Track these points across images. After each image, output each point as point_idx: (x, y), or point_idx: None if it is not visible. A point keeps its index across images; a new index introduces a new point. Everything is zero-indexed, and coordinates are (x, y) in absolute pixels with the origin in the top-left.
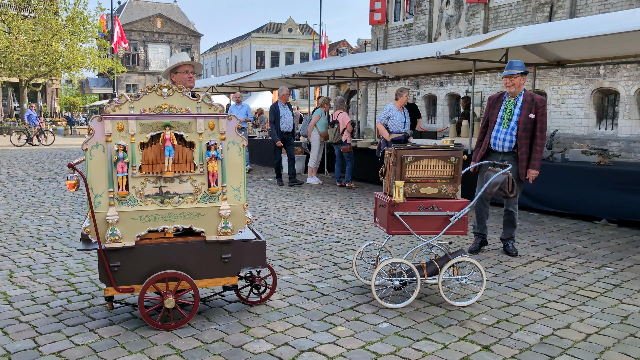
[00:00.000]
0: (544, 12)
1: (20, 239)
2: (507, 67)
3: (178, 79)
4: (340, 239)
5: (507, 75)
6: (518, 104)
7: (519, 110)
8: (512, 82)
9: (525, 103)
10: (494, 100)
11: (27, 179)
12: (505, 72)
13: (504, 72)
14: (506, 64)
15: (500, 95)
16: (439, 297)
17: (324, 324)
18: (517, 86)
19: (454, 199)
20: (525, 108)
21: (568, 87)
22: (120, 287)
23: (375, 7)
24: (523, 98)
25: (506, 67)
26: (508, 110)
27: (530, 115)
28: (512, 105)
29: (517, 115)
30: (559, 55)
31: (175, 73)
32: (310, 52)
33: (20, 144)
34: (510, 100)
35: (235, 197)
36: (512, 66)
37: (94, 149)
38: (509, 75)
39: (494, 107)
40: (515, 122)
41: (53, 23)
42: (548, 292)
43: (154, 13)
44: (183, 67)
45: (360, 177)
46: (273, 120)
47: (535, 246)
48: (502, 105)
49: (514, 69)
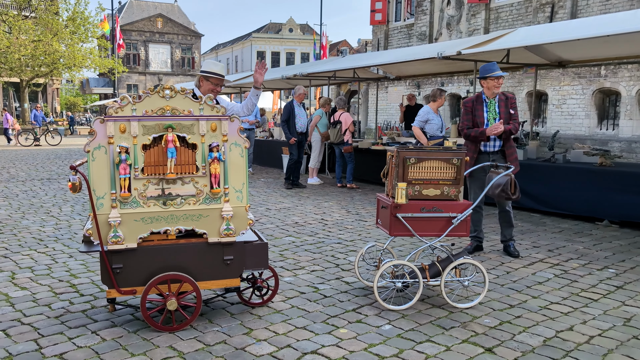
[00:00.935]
0: (545, 13)
1: (21, 240)
2: (492, 70)
3: (206, 86)
4: (341, 240)
5: (497, 76)
6: (496, 103)
7: (499, 109)
8: (499, 83)
9: (501, 101)
10: (474, 102)
11: (28, 179)
12: (496, 73)
13: (496, 74)
14: (508, 64)
15: (478, 97)
16: (441, 298)
17: (327, 325)
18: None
19: (456, 200)
20: (503, 106)
21: (569, 87)
22: (122, 289)
23: (376, 8)
24: (499, 97)
25: (490, 69)
26: (492, 111)
27: (510, 112)
28: (494, 105)
29: (499, 114)
30: (560, 56)
31: (206, 79)
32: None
33: (27, 144)
34: (491, 101)
35: (238, 199)
36: (497, 69)
37: (96, 150)
38: (499, 76)
39: (476, 110)
40: (499, 120)
41: (54, 23)
42: (550, 294)
43: (154, 13)
44: (216, 79)
45: (361, 178)
46: (286, 119)
47: (537, 247)
48: (483, 106)
49: (499, 71)
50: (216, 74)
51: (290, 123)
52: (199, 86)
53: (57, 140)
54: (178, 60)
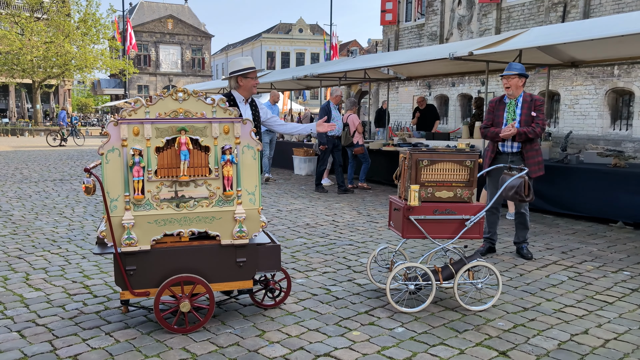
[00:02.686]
0: (557, 12)
1: (35, 241)
2: (507, 69)
3: (246, 83)
4: (353, 241)
5: (504, 75)
6: (519, 104)
7: (520, 111)
8: (508, 83)
9: (525, 103)
10: (496, 103)
11: (40, 180)
12: (505, 73)
13: (503, 74)
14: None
15: (501, 98)
16: (454, 301)
17: (339, 328)
18: (515, 87)
19: (469, 202)
20: (526, 107)
21: (582, 87)
22: (136, 291)
23: (387, 8)
24: (523, 99)
25: (506, 68)
26: (511, 112)
27: (532, 114)
28: (513, 106)
29: (519, 115)
30: (574, 56)
31: (245, 77)
32: (321, 52)
33: (55, 144)
34: (511, 102)
35: (250, 201)
36: (510, 68)
37: (110, 153)
38: (506, 75)
39: (498, 110)
40: (519, 122)
41: (65, 25)
42: (564, 297)
43: (165, 14)
44: (254, 73)
45: (372, 179)
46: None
47: (550, 249)
48: (504, 107)
49: (512, 70)
50: (251, 68)
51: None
52: (238, 87)
53: (82, 141)
54: (188, 61)
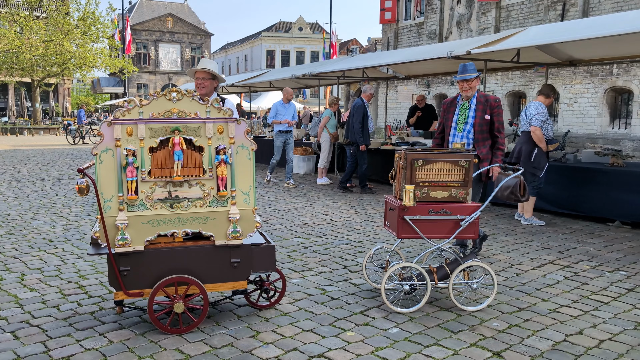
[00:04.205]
0: (556, 11)
1: (31, 241)
2: (461, 72)
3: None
4: (350, 241)
5: (463, 80)
6: (472, 106)
7: (474, 112)
8: (469, 86)
9: (479, 104)
10: (448, 104)
11: (38, 179)
12: (460, 76)
13: (459, 77)
14: (518, 63)
15: (454, 99)
16: (449, 301)
17: (334, 328)
18: (473, 89)
19: (464, 202)
20: (480, 109)
21: (581, 86)
22: (129, 292)
23: (386, 6)
24: (477, 99)
25: (459, 70)
26: (463, 114)
27: (485, 117)
28: (466, 108)
29: (472, 118)
30: (572, 55)
31: (195, 78)
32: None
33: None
34: (464, 103)
35: (245, 202)
36: (466, 70)
37: (103, 153)
38: (465, 79)
39: (448, 112)
40: (471, 124)
41: (65, 23)
42: (560, 297)
43: (164, 13)
44: (198, 74)
45: (371, 178)
46: (361, 119)
47: (547, 249)
48: (456, 109)
49: (469, 73)
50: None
51: (365, 125)
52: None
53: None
54: (188, 59)
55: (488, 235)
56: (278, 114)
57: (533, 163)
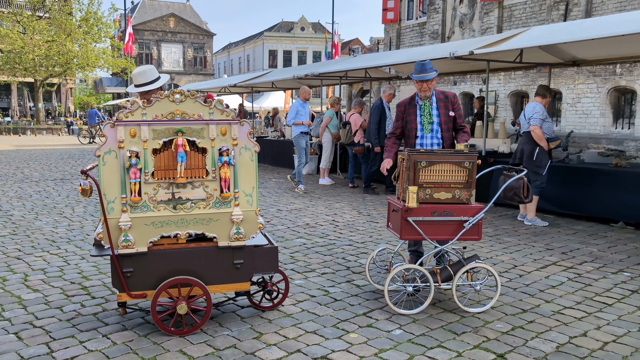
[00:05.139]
0: (559, 11)
1: (34, 242)
2: (420, 71)
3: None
4: (352, 242)
5: (423, 80)
6: (433, 104)
7: (437, 111)
8: (428, 87)
9: (440, 102)
10: (406, 106)
11: (41, 179)
12: (420, 76)
13: (418, 77)
14: (521, 64)
15: (412, 99)
16: (452, 303)
17: (337, 330)
18: (432, 89)
19: (468, 204)
20: (442, 107)
21: (584, 86)
22: (133, 293)
23: (388, 6)
24: (436, 97)
25: (418, 69)
26: (426, 114)
27: (450, 114)
28: (428, 108)
29: (436, 117)
30: (575, 55)
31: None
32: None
33: (85, 142)
34: (425, 103)
35: (248, 203)
36: (425, 69)
37: (106, 155)
38: (425, 79)
39: (408, 114)
40: (437, 123)
41: (67, 23)
42: (564, 298)
43: (166, 13)
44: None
45: (373, 178)
46: (378, 120)
47: (550, 250)
48: (416, 109)
49: (429, 72)
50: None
51: (381, 127)
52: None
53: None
54: (190, 59)
55: (491, 236)
56: (298, 114)
57: (535, 162)
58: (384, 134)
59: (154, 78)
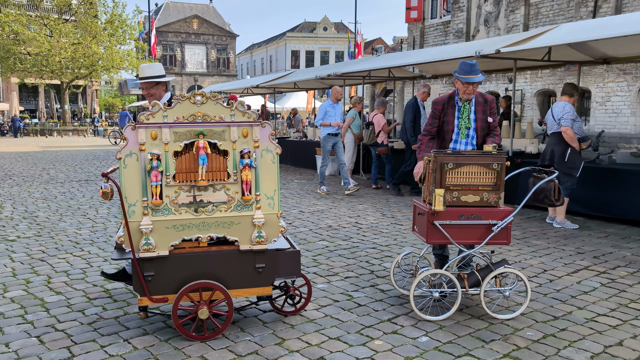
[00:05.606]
0: (587, 7)
1: (58, 243)
2: (468, 72)
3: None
4: (376, 244)
5: (469, 82)
6: (472, 108)
7: (475, 115)
8: (473, 89)
9: (478, 105)
10: (444, 104)
11: (66, 180)
12: (466, 78)
13: (464, 78)
14: (549, 62)
15: (451, 99)
16: (480, 308)
17: (361, 336)
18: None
19: (496, 207)
20: (480, 111)
21: (614, 84)
22: (154, 297)
23: (412, 5)
24: (475, 100)
25: (465, 70)
26: (465, 118)
27: (488, 120)
28: (468, 111)
29: (474, 121)
30: (606, 53)
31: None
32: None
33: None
34: (464, 105)
35: (269, 206)
36: (473, 70)
37: (127, 157)
38: (472, 82)
39: (446, 114)
40: (474, 129)
41: (93, 26)
42: (597, 305)
43: (190, 14)
44: (142, 84)
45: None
46: (412, 118)
47: (581, 254)
48: (455, 111)
49: (476, 75)
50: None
51: (416, 125)
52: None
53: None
54: (213, 60)
55: (519, 239)
56: (327, 115)
57: (568, 163)
58: (419, 132)
59: (160, 74)
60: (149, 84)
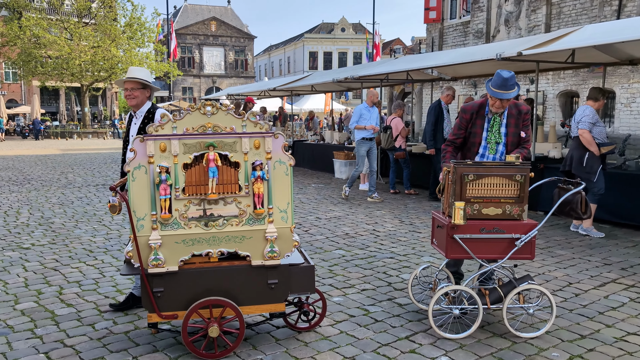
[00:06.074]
0: (612, 7)
1: (72, 251)
2: (500, 86)
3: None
4: (394, 254)
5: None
6: (504, 120)
7: (506, 129)
8: (503, 105)
9: (511, 118)
10: (473, 114)
11: (84, 185)
12: (497, 93)
13: (495, 94)
14: (573, 64)
15: (481, 108)
16: (502, 325)
17: (377, 356)
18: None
19: (519, 220)
20: (512, 124)
21: (639, 85)
22: (163, 314)
23: (431, 5)
24: (508, 112)
25: (498, 83)
26: (495, 131)
27: (521, 134)
28: (498, 125)
29: (505, 136)
30: (632, 54)
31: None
32: (363, 51)
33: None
34: (495, 117)
35: (282, 219)
36: (506, 85)
37: (136, 170)
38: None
39: (474, 125)
40: (504, 144)
41: (112, 29)
42: (626, 322)
43: (208, 16)
44: (127, 84)
45: (416, 183)
46: (434, 121)
47: (608, 265)
48: (484, 122)
49: (509, 90)
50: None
51: (438, 128)
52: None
53: None
54: (231, 62)
55: (542, 249)
56: (362, 118)
57: (585, 168)
58: (441, 136)
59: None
60: (136, 84)
